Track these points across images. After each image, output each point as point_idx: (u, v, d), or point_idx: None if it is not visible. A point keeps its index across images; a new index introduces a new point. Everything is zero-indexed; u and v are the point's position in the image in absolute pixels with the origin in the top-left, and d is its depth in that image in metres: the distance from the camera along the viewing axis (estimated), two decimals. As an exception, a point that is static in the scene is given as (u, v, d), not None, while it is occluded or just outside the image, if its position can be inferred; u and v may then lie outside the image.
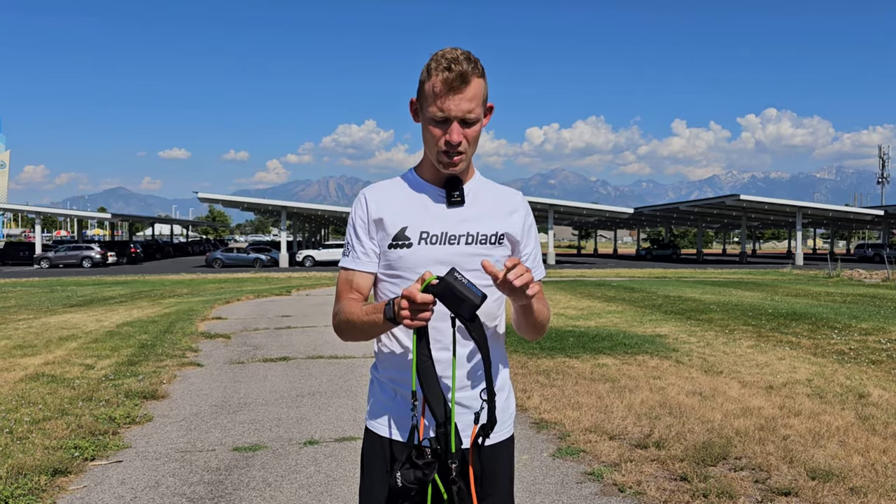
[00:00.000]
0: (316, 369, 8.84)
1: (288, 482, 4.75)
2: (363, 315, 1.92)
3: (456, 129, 1.90)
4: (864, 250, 59.50)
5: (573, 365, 8.65)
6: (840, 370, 8.36)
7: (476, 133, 1.94)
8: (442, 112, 1.88)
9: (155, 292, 23.85)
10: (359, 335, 1.97)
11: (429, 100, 1.91)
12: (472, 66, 1.88)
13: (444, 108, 1.88)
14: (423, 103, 1.95)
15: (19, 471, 4.75)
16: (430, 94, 1.90)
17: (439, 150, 1.93)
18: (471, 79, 1.88)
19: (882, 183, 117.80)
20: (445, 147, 1.91)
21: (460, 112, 1.88)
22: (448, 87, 1.87)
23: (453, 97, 1.87)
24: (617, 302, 17.94)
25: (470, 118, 1.90)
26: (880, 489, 4.36)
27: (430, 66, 1.90)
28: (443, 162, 1.95)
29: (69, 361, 9.09)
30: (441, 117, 1.89)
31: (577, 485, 4.65)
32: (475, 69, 1.89)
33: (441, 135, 1.91)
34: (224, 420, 6.40)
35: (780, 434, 5.58)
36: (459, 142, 1.91)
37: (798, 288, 23.60)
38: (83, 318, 14.86)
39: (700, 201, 60.18)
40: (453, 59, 1.87)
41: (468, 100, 1.88)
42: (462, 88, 1.87)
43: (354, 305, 1.98)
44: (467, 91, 1.88)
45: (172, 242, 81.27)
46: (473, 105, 1.89)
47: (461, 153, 1.93)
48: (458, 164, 1.95)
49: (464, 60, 1.87)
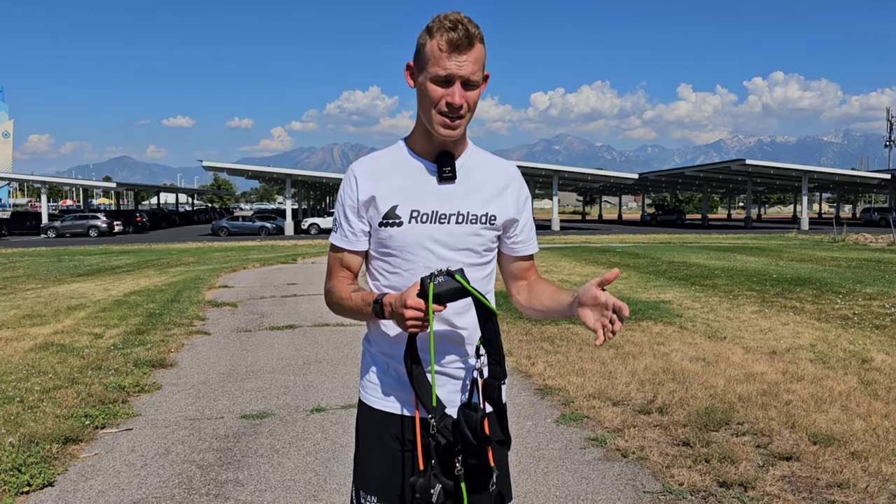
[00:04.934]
0: (322, 337, 8.91)
1: (295, 449, 4.82)
2: (353, 303, 1.96)
3: (458, 89, 1.87)
4: (871, 214, 59.28)
5: (577, 331, 8.70)
6: (844, 335, 8.39)
7: (476, 98, 1.91)
8: (446, 70, 1.85)
9: (161, 261, 23.96)
10: (348, 316, 2.02)
11: (431, 60, 1.86)
12: (476, 30, 1.86)
13: (448, 67, 1.84)
14: (423, 65, 1.90)
15: (31, 439, 4.83)
16: (433, 54, 1.86)
17: (440, 111, 1.89)
18: (475, 41, 1.86)
19: (889, 146, 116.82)
20: (447, 108, 1.88)
21: (465, 72, 1.85)
22: (453, 47, 1.83)
23: (458, 56, 1.84)
24: (621, 268, 17.93)
25: (473, 79, 1.87)
26: (881, 453, 4.41)
27: (432, 28, 1.87)
28: (442, 123, 1.90)
29: (78, 331, 9.17)
30: (444, 76, 1.85)
31: (581, 450, 4.71)
32: (478, 33, 1.87)
33: (442, 95, 1.87)
34: (232, 388, 6.47)
35: (782, 399, 5.63)
36: (462, 104, 1.88)
37: (803, 253, 23.56)
38: (91, 288, 14.95)
39: (705, 166, 59.91)
40: (457, 19, 1.84)
41: (472, 62, 1.86)
42: (467, 49, 1.85)
43: (345, 287, 2.01)
44: (471, 53, 1.85)
45: (178, 211, 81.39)
46: (476, 68, 1.87)
47: (461, 117, 1.90)
48: (456, 128, 1.91)
49: (468, 23, 1.85)
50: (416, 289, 1.77)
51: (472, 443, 1.84)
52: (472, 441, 1.84)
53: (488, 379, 1.91)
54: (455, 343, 2.00)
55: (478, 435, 1.84)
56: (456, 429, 1.86)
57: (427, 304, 1.75)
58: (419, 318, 1.76)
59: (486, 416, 1.87)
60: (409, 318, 1.76)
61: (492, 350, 1.88)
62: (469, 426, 1.84)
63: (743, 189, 73.25)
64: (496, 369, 1.89)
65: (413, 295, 1.76)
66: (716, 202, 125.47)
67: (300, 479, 4.32)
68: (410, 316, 1.75)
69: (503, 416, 1.94)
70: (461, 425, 1.85)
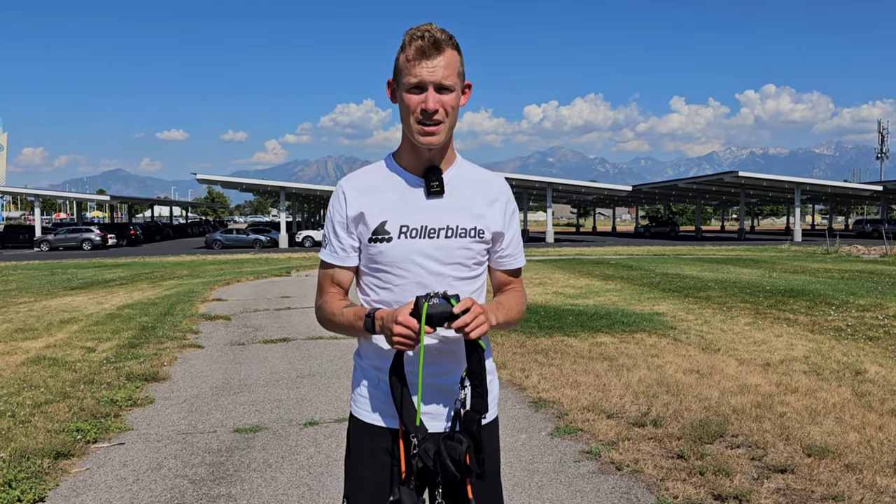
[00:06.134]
0: (316, 350, 8.88)
1: (288, 463, 4.80)
2: (345, 318, 1.97)
3: (432, 95, 1.88)
4: (863, 226, 59.56)
5: (571, 343, 8.70)
6: (837, 347, 8.40)
7: (453, 102, 1.92)
8: (417, 77, 1.88)
9: (155, 274, 23.88)
10: (340, 332, 2.03)
11: (403, 70, 1.90)
12: (445, 36, 1.89)
13: (419, 73, 1.87)
14: (398, 78, 1.94)
15: (22, 454, 4.79)
16: (405, 64, 1.90)
17: (416, 118, 1.91)
18: (444, 47, 1.89)
19: (881, 158, 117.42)
20: (422, 115, 1.90)
21: (435, 78, 1.87)
22: (421, 54, 1.87)
23: (428, 62, 1.87)
24: (615, 280, 17.97)
25: (446, 84, 1.89)
26: (875, 465, 4.41)
27: (404, 41, 1.91)
28: (420, 131, 1.91)
29: (70, 344, 9.13)
30: (416, 83, 1.88)
31: (575, 463, 4.69)
32: (449, 40, 1.90)
33: (418, 102, 1.90)
34: (225, 401, 6.44)
35: (776, 411, 5.63)
36: (436, 109, 1.89)
37: (796, 264, 23.63)
38: (84, 301, 14.89)
39: (699, 178, 60.11)
40: (426, 29, 1.88)
41: (442, 67, 1.88)
42: (435, 55, 1.87)
43: (337, 303, 2.02)
44: (441, 58, 1.88)
45: (172, 224, 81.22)
46: (449, 73, 1.89)
47: (439, 122, 1.91)
48: (435, 133, 1.92)
49: (437, 31, 1.88)
50: (409, 307, 1.78)
51: (454, 474, 1.84)
52: (454, 472, 1.84)
53: (469, 412, 1.91)
54: (444, 355, 1.99)
55: (460, 466, 1.84)
56: (438, 457, 1.86)
57: (419, 325, 1.76)
58: (408, 337, 1.77)
59: (469, 447, 1.87)
60: (397, 335, 1.77)
61: (476, 383, 1.89)
62: (451, 457, 1.85)
63: (736, 201, 73.48)
64: (478, 402, 1.90)
65: (405, 313, 1.77)
66: (709, 214, 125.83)
67: (293, 493, 4.29)
68: (399, 332, 1.77)
69: (480, 450, 1.90)
70: (442, 456, 1.85)
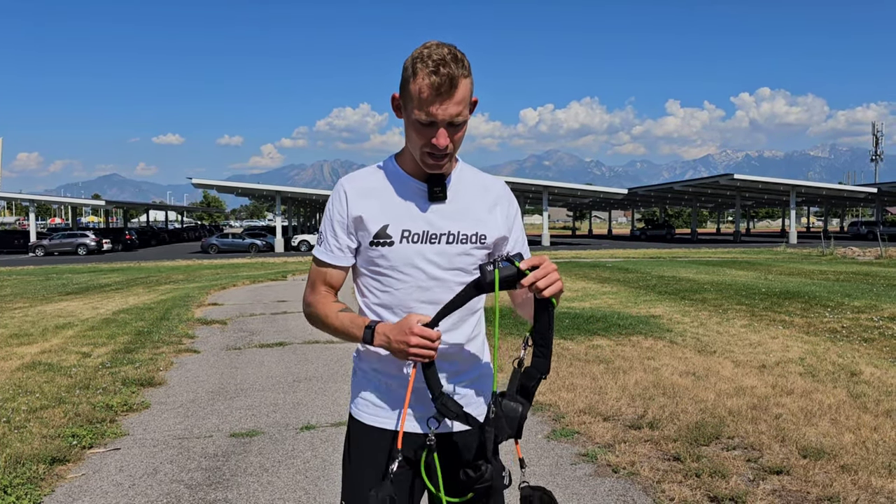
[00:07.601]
0: (312, 354, 8.88)
1: (285, 467, 4.79)
2: (340, 323, 1.97)
3: (443, 133, 1.84)
4: (858, 228, 59.67)
5: (568, 346, 8.70)
6: (832, 348, 8.42)
7: (461, 134, 1.90)
8: (429, 116, 1.82)
9: (151, 279, 23.84)
10: (329, 333, 2.02)
11: (414, 101, 1.83)
12: (459, 67, 1.80)
13: (432, 113, 1.81)
14: (407, 103, 1.87)
15: (17, 460, 4.78)
16: (416, 97, 1.82)
17: (424, 152, 1.88)
18: (459, 82, 1.80)
19: (876, 160, 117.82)
20: (431, 150, 1.87)
21: (448, 116, 1.82)
22: (436, 93, 1.79)
23: (441, 103, 1.80)
24: (611, 283, 17.99)
25: (458, 121, 1.85)
26: (871, 466, 4.42)
27: (416, 66, 1.81)
28: (427, 164, 1.90)
29: (66, 350, 9.11)
30: (427, 121, 1.83)
31: (572, 466, 4.70)
32: (462, 69, 1.81)
33: (428, 137, 1.85)
34: (221, 406, 6.43)
35: (772, 413, 5.64)
36: (446, 145, 1.86)
37: (792, 267, 23.68)
38: (79, 306, 14.86)
39: (694, 181, 60.19)
40: (440, 60, 1.78)
41: (456, 103, 1.81)
42: (451, 93, 1.80)
43: (331, 305, 2.00)
44: (456, 95, 1.81)
45: (167, 229, 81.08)
46: (461, 108, 1.84)
47: (447, 155, 1.89)
48: (443, 165, 1.91)
49: (451, 61, 1.79)
50: (424, 319, 1.81)
51: (509, 434, 1.79)
52: (509, 433, 1.79)
53: (530, 368, 1.87)
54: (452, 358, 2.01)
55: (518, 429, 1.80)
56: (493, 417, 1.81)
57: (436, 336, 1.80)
58: (427, 348, 1.78)
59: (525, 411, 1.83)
60: (415, 346, 1.77)
61: (541, 343, 1.85)
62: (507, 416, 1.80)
63: (731, 203, 73.64)
64: (541, 362, 1.86)
65: (417, 324, 1.79)
66: (705, 217, 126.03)
67: (290, 497, 4.29)
68: (416, 343, 1.77)
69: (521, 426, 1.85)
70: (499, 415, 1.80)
